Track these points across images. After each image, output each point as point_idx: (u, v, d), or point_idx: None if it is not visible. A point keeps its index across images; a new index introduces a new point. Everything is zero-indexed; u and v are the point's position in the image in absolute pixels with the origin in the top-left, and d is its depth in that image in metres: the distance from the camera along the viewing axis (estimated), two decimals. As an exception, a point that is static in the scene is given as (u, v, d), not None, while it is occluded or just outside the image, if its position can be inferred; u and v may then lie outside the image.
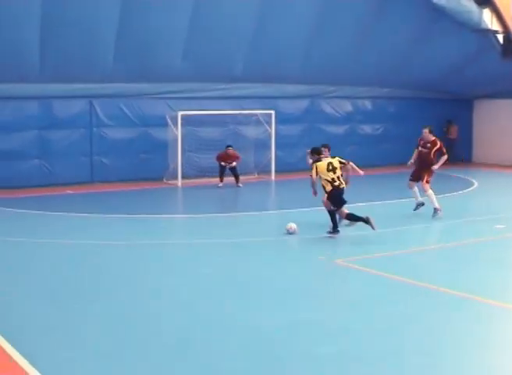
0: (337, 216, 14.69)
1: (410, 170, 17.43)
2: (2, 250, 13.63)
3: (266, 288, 10.61)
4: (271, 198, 23.28)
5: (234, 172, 23.76)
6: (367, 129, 30.03)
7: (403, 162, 18.67)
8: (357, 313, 9.17)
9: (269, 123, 26.17)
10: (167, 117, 24.73)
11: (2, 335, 8.06)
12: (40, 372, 6.96)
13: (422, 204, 17.24)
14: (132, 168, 24.59)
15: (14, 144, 23.18)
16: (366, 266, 11.85)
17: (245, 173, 25.51)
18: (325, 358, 7.41)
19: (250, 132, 26.44)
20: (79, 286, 10.79)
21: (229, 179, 23.89)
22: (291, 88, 27.48)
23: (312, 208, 17.72)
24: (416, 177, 17.29)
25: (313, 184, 14.44)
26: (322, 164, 14.35)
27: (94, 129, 24.43)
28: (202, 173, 25.12)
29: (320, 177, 14.34)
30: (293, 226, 14.90)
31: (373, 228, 14.11)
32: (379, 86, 29.62)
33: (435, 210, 16.87)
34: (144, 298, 10.02)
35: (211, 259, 12.60)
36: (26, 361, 7.24)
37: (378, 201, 19.50)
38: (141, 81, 24.65)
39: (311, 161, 15.02)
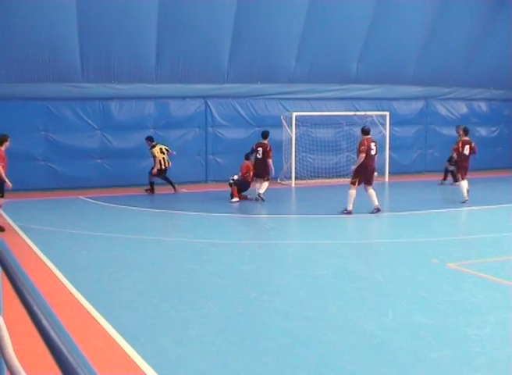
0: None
1: None
2: (121, 247, 13.75)
3: (377, 290, 10.33)
4: (384, 200, 22.84)
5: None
6: (482, 131, 29.22)
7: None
8: (470, 318, 8.79)
9: (384, 125, 25.79)
10: (281, 118, 24.70)
11: (118, 330, 8.09)
12: (153, 367, 6.90)
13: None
14: (246, 168, 24.61)
15: (131, 144, 23.58)
16: (479, 271, 11.40)
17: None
18: (437, 363, 7.14)
19: (365, 133, 26.13)
20: (195, 283, 10.74)
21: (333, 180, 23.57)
22: (406, 90, 27.08)
23: (425, 211, 17.37)
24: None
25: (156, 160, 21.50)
26: (157, 148, 21.58)
27: (209, 129, 24.60)
28: (315, 173, 24.96)
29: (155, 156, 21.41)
30: None
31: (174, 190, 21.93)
32: (495, 88, 28.82)
33: (375, 209, 17.38)
34: (259, 297, 9.84)
35: (325, 260, 12.39)
36: (139, 356, 7.22)
37: (494, 205, 18.85)
38: (256, 82, 24.70)
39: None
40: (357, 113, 25.57)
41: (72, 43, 21.36)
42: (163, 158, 21.67)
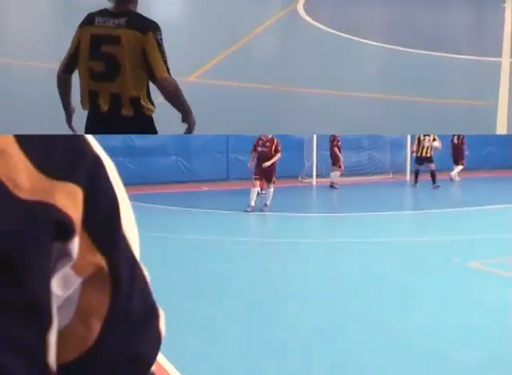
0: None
1: None
2: (144, 245, 13.53)
3: (401, 289, 10.33)
4: (406, 198, 22.80)
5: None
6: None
7: None
8: (495, 317, 8.71)
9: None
10: (303, 116, 24.58)
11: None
12: (175, 366, 6.87)
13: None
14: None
15: (152, 141, 23.59)
16: (501, 269, 11.32)
17: (380, 173, 25.34)
18: (462, 363, 7.13)
19: (386, 131, 26.03)
20: (220, 281, 10.78)
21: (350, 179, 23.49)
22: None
23: (449, 209, 17.28)
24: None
25: None
26: None
27: (231, 126, 24.56)
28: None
29: None
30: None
31: None
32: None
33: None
34: (284, 296, 9.86)
35: (348, 259, 12.39)
36: (161, 353, 7.09)
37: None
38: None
39: None
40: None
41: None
42: None
